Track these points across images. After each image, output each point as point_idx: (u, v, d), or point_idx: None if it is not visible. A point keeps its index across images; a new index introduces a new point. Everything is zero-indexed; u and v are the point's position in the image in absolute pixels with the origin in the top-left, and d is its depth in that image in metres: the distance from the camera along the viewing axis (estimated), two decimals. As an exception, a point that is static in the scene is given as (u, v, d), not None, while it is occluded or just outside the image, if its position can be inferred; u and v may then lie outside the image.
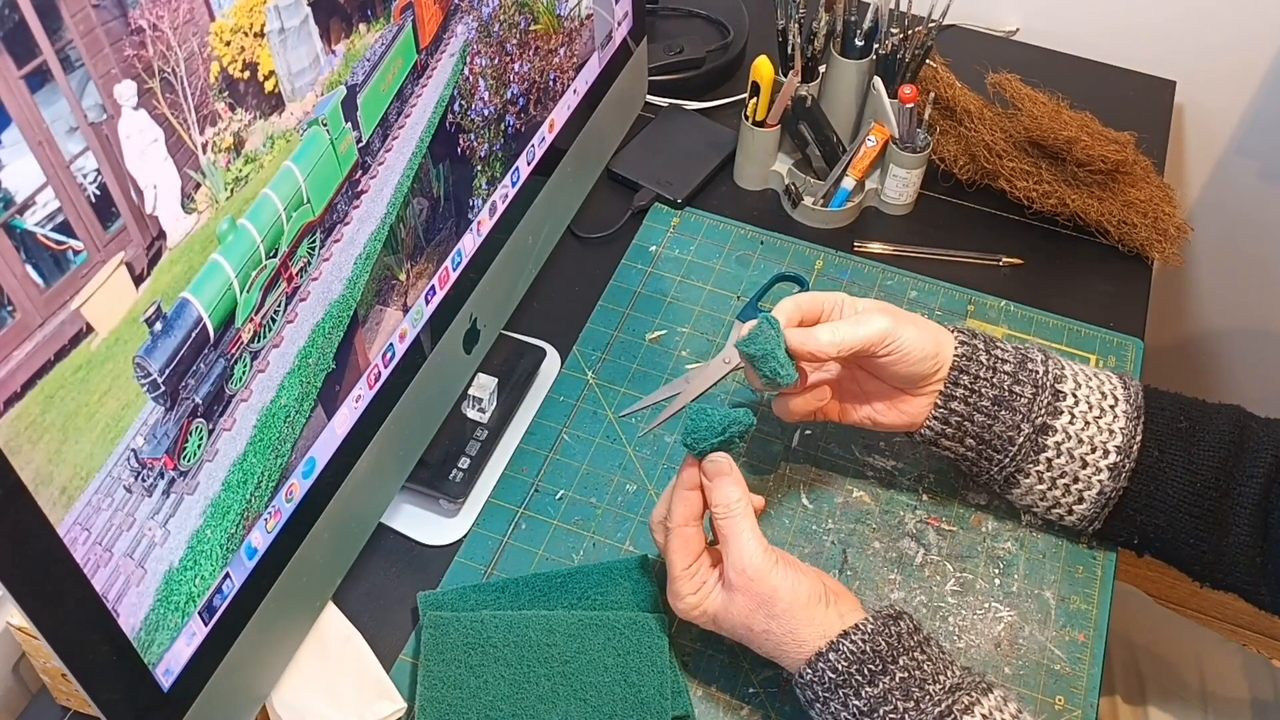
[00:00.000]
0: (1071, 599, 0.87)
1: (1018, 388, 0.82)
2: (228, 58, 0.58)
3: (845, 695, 0.71)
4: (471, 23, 0.80)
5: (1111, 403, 0.83)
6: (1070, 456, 0.82)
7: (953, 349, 0.83)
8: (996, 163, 1.12)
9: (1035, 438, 0.82)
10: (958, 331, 0.84)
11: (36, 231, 0.50)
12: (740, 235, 1.13)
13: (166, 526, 0.61)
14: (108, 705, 0.60)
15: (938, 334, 0.83)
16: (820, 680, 0.72)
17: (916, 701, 0.70)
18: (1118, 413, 0.82)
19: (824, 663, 0.71)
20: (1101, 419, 0.82)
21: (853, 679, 0.71)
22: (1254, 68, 1.35)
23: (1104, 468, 0.82)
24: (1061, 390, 0.82)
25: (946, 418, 0.83)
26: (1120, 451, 0.82)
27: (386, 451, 0.82)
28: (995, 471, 0.85)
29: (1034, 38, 1.39)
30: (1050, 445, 0.82)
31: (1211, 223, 1.48)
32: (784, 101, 1.10)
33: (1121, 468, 0.82)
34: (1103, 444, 0.82)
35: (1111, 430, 0.82)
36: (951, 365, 0.82)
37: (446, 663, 0.80)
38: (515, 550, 0.89)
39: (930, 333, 0.82)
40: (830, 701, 0.71)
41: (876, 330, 0.79)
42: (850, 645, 0.71)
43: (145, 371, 0.57)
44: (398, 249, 0.77)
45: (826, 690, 0.71)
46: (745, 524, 0.75)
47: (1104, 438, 0.82)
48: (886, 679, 0.70)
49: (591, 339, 1.03)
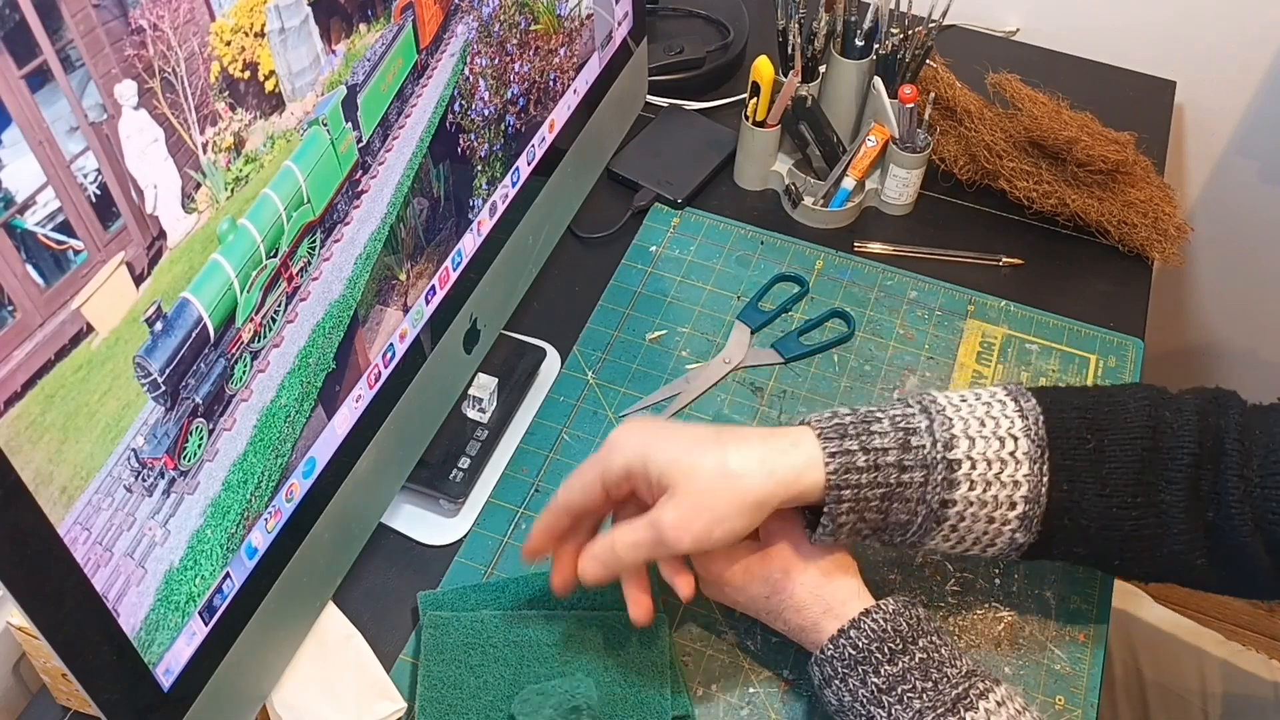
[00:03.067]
0: (1071, 599, 0.87)
1: (906, 476, 0.73)
2: (228, 57, 0.58)
3: (865, 672, 0.71)
4: (472, 23, 0.80)
5: (1010, 448, 0.74)
6: (975, 518, 0.75)
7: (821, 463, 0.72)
8: (997, 163, 1.12)
9: (934, 514, 0.74)
10: (823, 436, 0.73)
11: (37, 231, 0.50)
12: (740, 235, 1.13)
13: (167, 526, 0.61)
14: (108, 705, 0.60)
15: (761, 480, 0.71)
16: (841, 656, 0.72)
17: (935, 682, 0.70)
18: (1019, 457, 0.74)
19: (845, 639, 0.72)
20: (1003, 473, 0.74)
21: (873, 656, 0.71)
22: (1254, 68, 1.35)
23: (1012, 518, 0.75)
24: (955, 459, 0.73)
25: (835, 531, 0.74)
26: (1029, 500, 0.74)
27: (386, 451, 0.82)
28: (896, 545, 0.78)
29: (1034, 38, 1.39)
30: (952, 515, 0.75)
31: (1211, 223, 1.48)
32: (784, 101, 1.10)
33: (1031, 515, 0.75)
34: (1008, 498, 0.74)
35: (1015, 480, 0.74)
36: (827, 484, 0.72)
37: (446, 663, 0.80)
38: (515, 550, 0.89)
39: (746, 489, 0.71)
40: (849, 678, 0.72)
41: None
42: (871, 623, 0.72)
43: (145, 371, 0.57)
44: (398, 249, 0.77)
45: (846, 666, 0.72)
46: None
47: (1008, 491, 0.74)
48: (906, 658, 0.71)
49: (591, 339, 1.03)
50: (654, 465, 0.71)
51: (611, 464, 0.73)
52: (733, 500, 0.71)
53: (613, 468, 0.73)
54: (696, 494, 0.70)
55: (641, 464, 0.72)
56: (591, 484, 0.74)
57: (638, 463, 0.72)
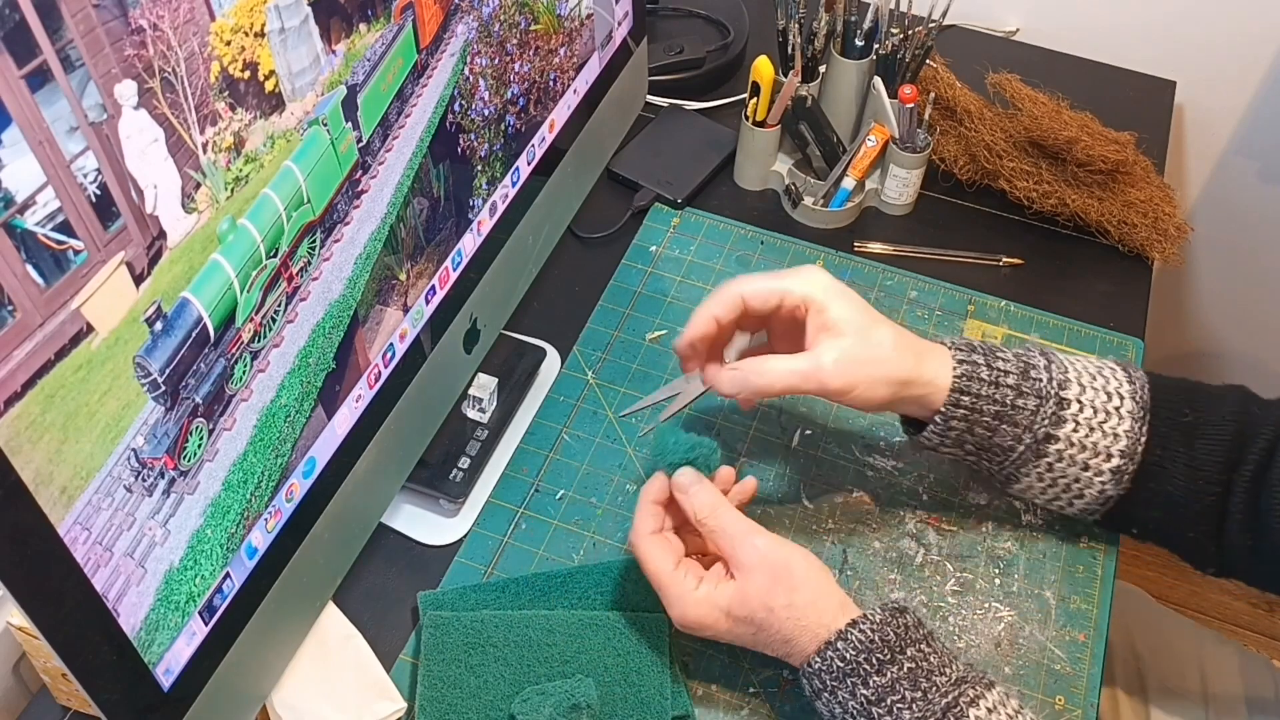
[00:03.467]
0: (1071, 599, 0.87)
1: (1021, 400, 0.80)
2: (228, 57, 0.58)
3: (853, 684, 0.71)
4: (472, 23, 0.80)
5: (1117, 403, 0.81)
6: (1072, 461, 0.82)
7: (950, 368, 0.80)
8: (997, 163, 1.12)
9: (1037, 446, 0.81)
10: (955, 348, 0.82)
11: (37, 231, 0.50)
12: (740, 235, 1.13)
13: (167, 526, 0.61)
14: (108, 705, 0.60)
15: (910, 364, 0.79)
16: (829, 669, 0.72)
17: (924, 692, 0.70)
18: (1123, 413, 0.81)
19: (833, 651, 0.72)
20: (1106, 423, 0.81)
21: (861, 668, 0.71)
22: (1254, 68, 1.35)
23: (1106, 470, 0.81)
24: (1066, 398, 0.81)
25: (945, 431, 0.81)
26: (1124, 455, 0.81)
27: (386, 451, 0.82)
28: (994, 470, 0.84)
29: (1034, 38, 1.39)
30: (1052, 452, 0.81)
31: (1211, 223, 1.48)
32: (784, 101, 1.10)
33: (1124, 470, 0.81)
34: (1106, 448, 0.81)
35: (1116, 434, 0.81)
36: (952, 386, 0.80)
37: (446, 663, 0.80)
38: (515, 550, 0.89)
39: (897, 365, 0.79)
40: (838, 691, 0.72)
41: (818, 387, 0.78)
42: (859, 634, 0.71)
43: (145, 371, 0.57)
44: (398, 249, 0.77)
45: (835, 679, 0.72)
46: (734, 514, 0.76)
47: (1108, 442, 0.81)
48: (894, 669, 0.71)
49: (591, 339, 1.03)
50: (835, 310, 0.78)
51: (796, 287, 0.79)
52: (886, 370, 0.78)
53: (795, 290, 0.79)
54: (861, 349, 0.77)
55: (823, 301, 0.78)
56: (768, 293, 0.79)
57: (821, 298, 0.78)
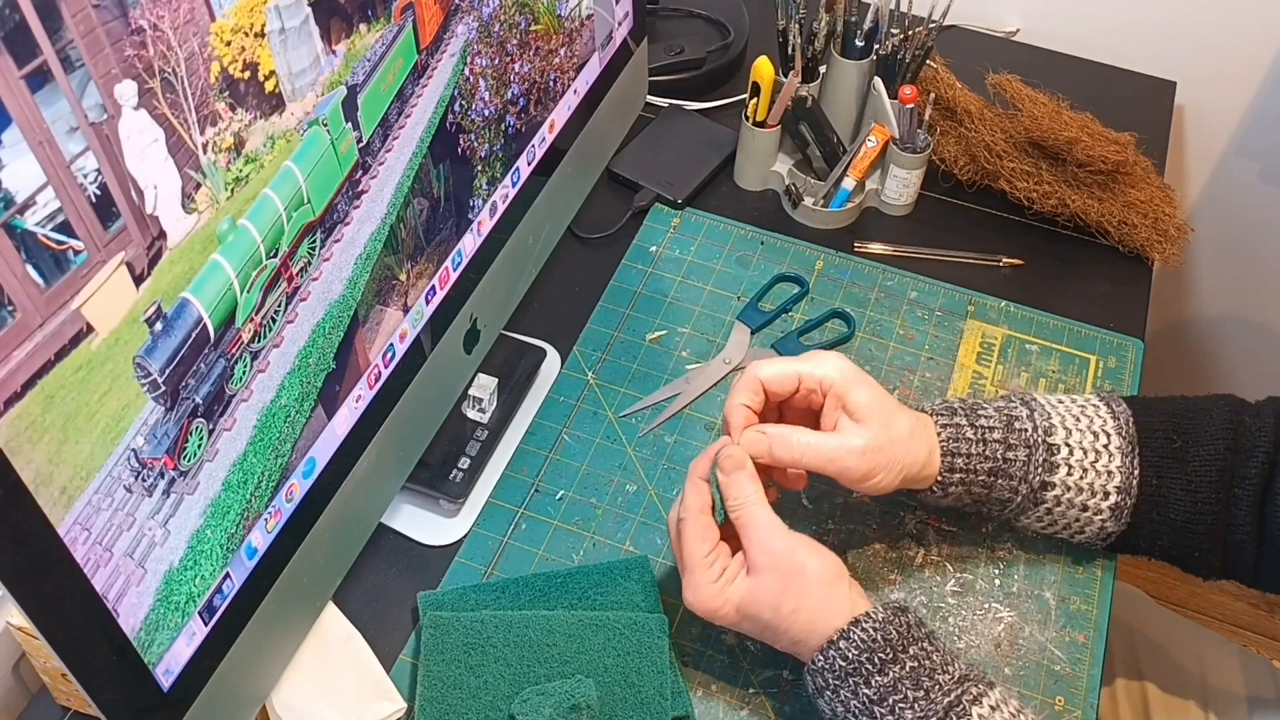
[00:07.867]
0: (1071, 599, 0.87)
1: (1011, 454, 0.81)
2: (228, 58, 0.58)
3: (855, 683, 0.71)
4: (472, 23, 0.80)
5: (1104, 441, 0.82)
6: (1070, 504, 0.82)
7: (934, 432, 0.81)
8: (997, 163, 1.12)
9: (1033, 495, 0.82)
10: (935, 414, 0.82)
11: (37, 231, 0.50)
12: (740, 236, 1.13)
13: (166, 526, 0.61)
14: (108, 705, 0.60)
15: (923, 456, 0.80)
16: (831, 667, 0.72)
17: (926, 691, 0.70)
18: (1112, 450, 0.82)
19: (835, 650, 0.72)
20: (1098, 462, 0.81)
21: (863, 667, 0.71)
22: (1254, 68, 1.35)
23: (1105, 508, 0.82)
24: (1054, 444, 0.81)
25: (942, 497, 0.83)
26: (1120, 490, 0.81)
27: (386, 451, 0.82)
28: (993, 517, 0.86)
29: (1034, 38, 1.39)
30: (1049, 498, 0.82)
31: (1211, 223, 1.48)
32: (784, 102, 1.10)
33: (1122, 506, 0.82)
34: (1102, 487, 0.82)
35: (1109, 471, 0.81)
36: (941, 451, 0.81)
37: (446, 663, 0.80)
38: (515, 550, 0.89)
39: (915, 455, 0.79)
40: (840, 690, 0.72)
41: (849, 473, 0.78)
42: (861, 633, 0.72)
43: (145, 371, 0.57)
44: (398, 249, 0.77)
45: (837, 678, 0.72)
46: (762, 510, 0.75)
47: (1102, 481, 0.81)
48: (897, 668, 0.71)
49: (591, 339, 1.03)
50: (856, 395, 0.78)
51: (817, 371, 0.79)
52: (905, 459, 0.78)
53: (816, 373, 0.79)
54: (884, 437, 0.78)
55: (844, 386, 0.78)
56: (785, 376, 0.79)
57: (841, 383, 0.78)
